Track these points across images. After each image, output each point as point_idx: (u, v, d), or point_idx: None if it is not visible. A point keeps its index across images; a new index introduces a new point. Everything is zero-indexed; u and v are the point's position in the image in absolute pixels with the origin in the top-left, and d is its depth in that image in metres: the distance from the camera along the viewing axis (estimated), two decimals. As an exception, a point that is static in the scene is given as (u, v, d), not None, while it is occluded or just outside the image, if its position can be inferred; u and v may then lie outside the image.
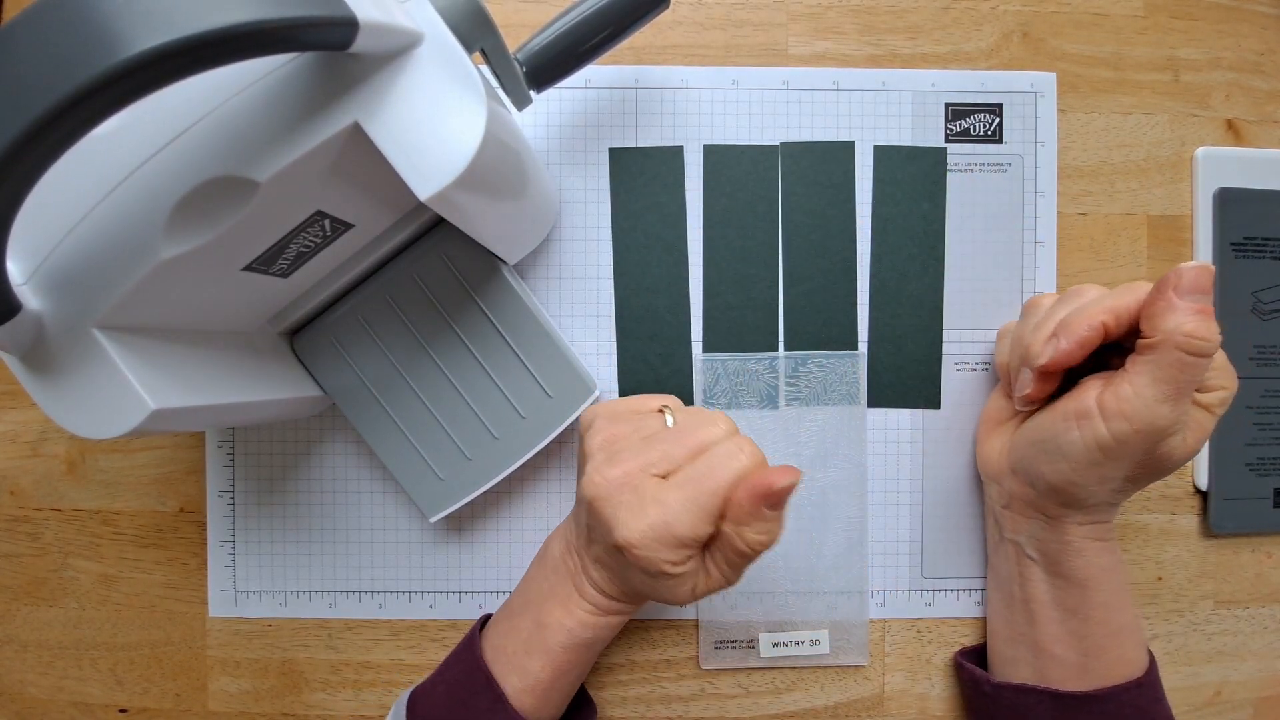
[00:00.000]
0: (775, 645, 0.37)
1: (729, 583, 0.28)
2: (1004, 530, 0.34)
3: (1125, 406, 0.28)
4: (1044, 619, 0.33)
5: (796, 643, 0.37)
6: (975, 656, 0.37)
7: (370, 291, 0.34)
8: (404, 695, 0.31)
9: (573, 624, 0.29)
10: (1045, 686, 0.32)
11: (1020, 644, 0.34)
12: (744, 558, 0.27)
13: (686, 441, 0.27)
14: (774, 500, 0.25)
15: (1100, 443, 0.28)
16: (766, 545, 0.26)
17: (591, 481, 0.27)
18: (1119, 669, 0.31)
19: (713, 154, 0.37)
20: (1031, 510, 0.33)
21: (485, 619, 0.33)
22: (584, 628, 0.29)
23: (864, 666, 0.37)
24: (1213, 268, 0.27)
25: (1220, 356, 0.28)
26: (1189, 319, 0.26)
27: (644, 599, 0.30)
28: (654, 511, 0.26)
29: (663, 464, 0.27)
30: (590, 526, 0.28)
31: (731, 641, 0.37)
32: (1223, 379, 0.28)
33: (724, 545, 0.27)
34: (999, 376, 0.36)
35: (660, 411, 0.30)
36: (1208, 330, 0.26)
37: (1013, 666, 0.34)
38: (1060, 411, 0.30)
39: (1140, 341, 0.28)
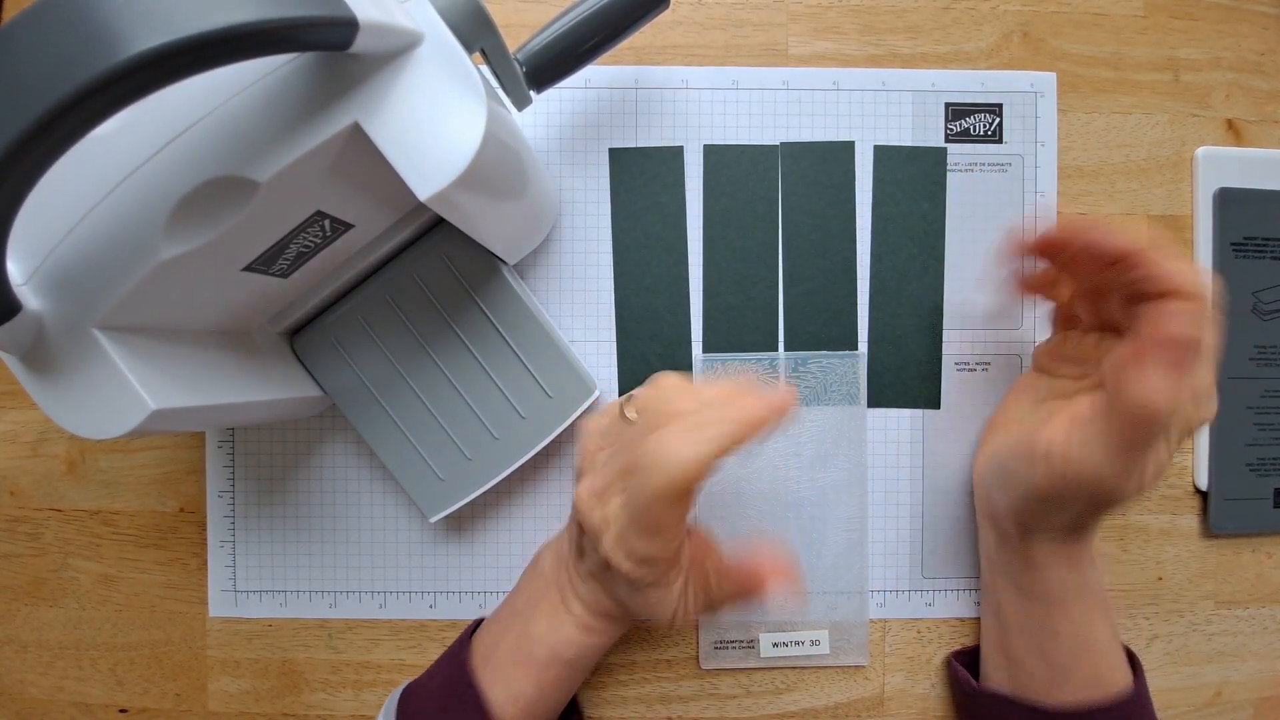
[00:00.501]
0: (775, 645, 0.37)
1: (707, 619, 0.28)
2: (979, 537, 0.34)
3: (1073, 457, 0.26)
4: (1014, 629, 0.32)
5: (796, 643, 0.37)
6: (970, 657, 0.37)
7: (370, 291, 0.34)
8: (397, 690, 0.31)
9: (555, 640, 0.29)
10: (1020, 698, 0.31)
11: (998, 651, 0.34)
12: (722, 613, 0.27)
13: (637, 447, 0.25)
14: (759, 603, 0.26)
15: (1044, 488, 0.28)
16: (744, 613, 0.26)
17: (575, 495, 0.27)
18: (1092, 689, 0.30)
19: (713, 154, 0.37)
20: (997, 524, 0.32)
21: (479, 623, 0.33)
22: (567, 645, 0.29)
23: (864, 667, 0.37)
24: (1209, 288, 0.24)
25: (1204, 380, 0.26)
26: (1152, 383, 0.24)
27: (628, 620, 0.30)
28: (614, 527, 0.25)
29: (624, 474, 0.25)
30: (582, 541, 0.28)
31: (731, 641, 0.37)
32: (1197, 409, 0.26)
33: (705, 594, 0.27)
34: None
35: (623, 415, 0.28)
36: (1172, 399, 0.23)
37: (994, 672, 0.34)
38: (1018, 441, 0.29)
39: (1105, 379, 0.26)
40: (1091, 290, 0.30)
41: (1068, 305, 0.32)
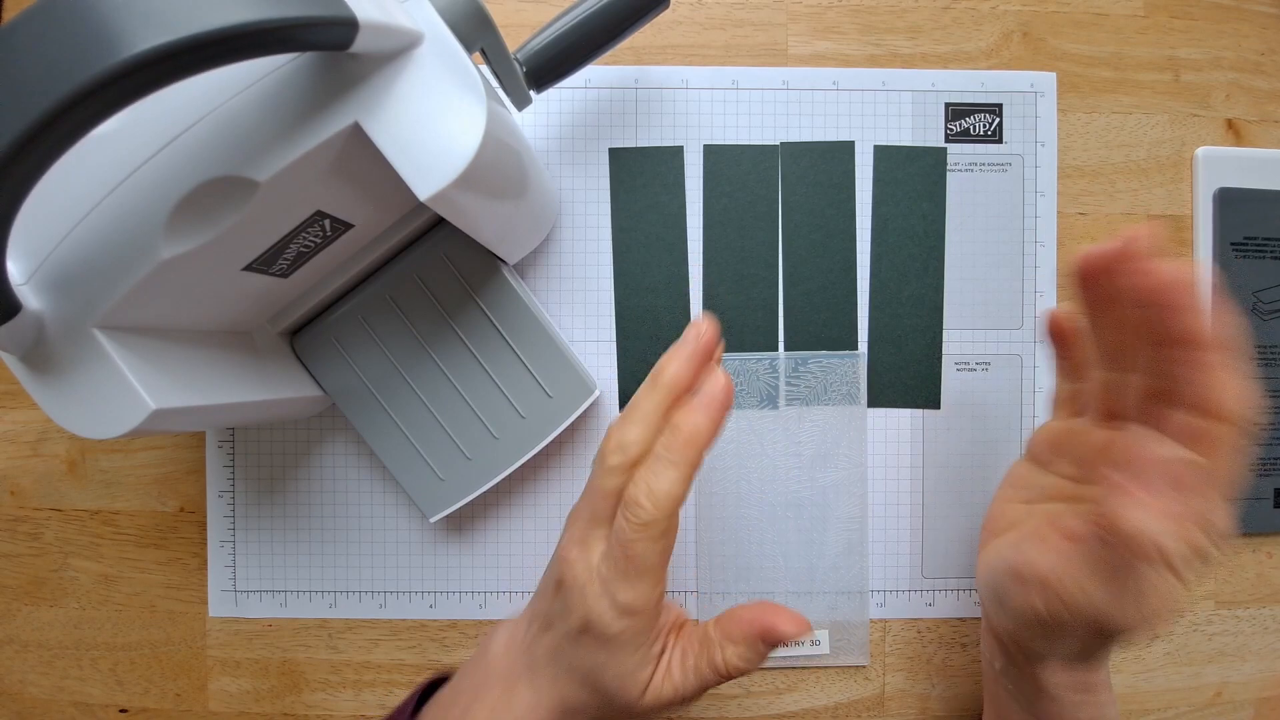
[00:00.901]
0: None
1: (683, 696, 0.26)
2: (982, 646, 0.31)
3: (1067, 586, 0.23)
4: None
5: (796, 643, 0.37)
6: None
7: (370, 291, 0.34)
8: None
9: None
10: None
11: None
12: (715, 673, 0.25)
13: (609, 493, 0.25)
14: (773, 642, 0.24)
15: (1043, 616, 0.24)
16: (741, 673, 0.25)
17: (558, 551, 0.26)
18: None
19: (713, 154, 0.37)
20: (1001, 643, 0.29)
21: (430, 684, 0.31)
22: None
23: (864, 667, 0.37)
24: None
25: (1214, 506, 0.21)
26: (1139, 510, 0.20)
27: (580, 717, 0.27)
28: (599, 575, 0.25)
29: (599, 522, 0.25)
30: (553, 608, 0.27)
31: (731, 641, 0.37)
32: (1206, 534, 0.21)
33: (701, 649, 0.25)
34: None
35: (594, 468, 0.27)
36: (1164, 528, 0.19)
37: None
38: (1009, 564, 0.26)
39: (1092, 511, 0.22)
40: (1113, 359, 0.25)
41: (1075, 387, 0.28)
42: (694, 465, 0.24)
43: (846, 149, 0.37)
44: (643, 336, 0.37)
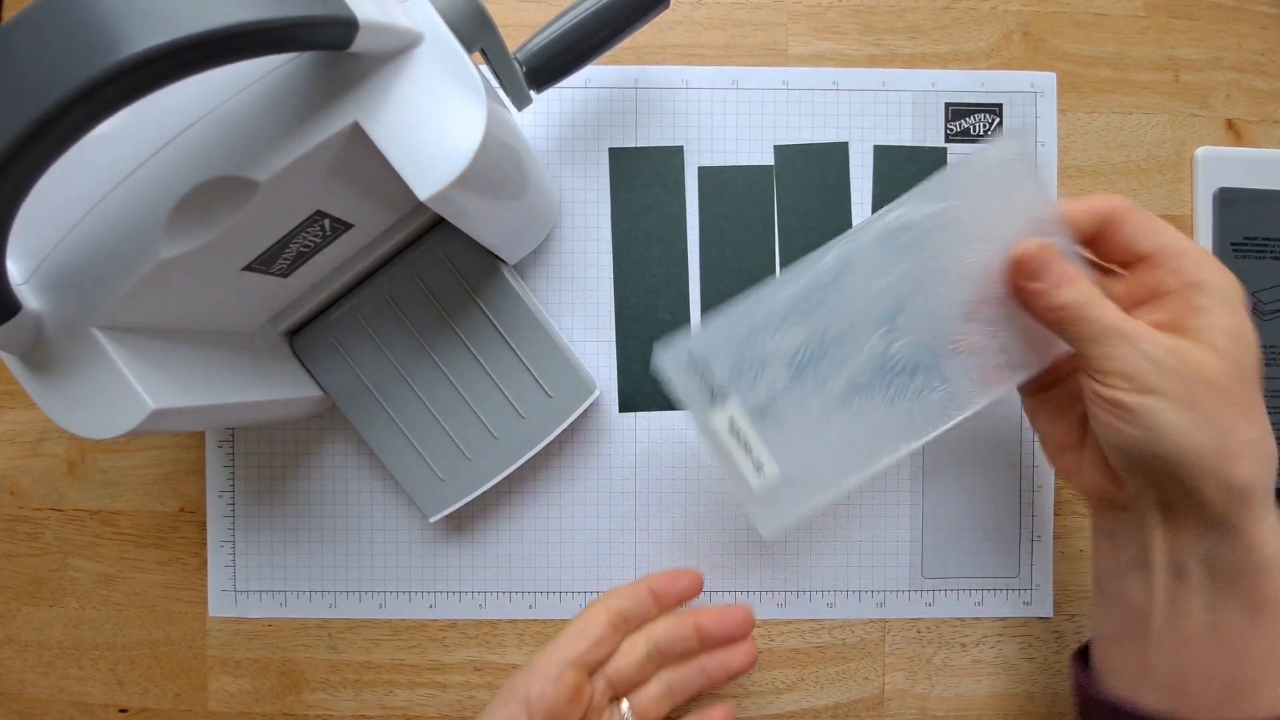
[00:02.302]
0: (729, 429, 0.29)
1: None
2: (1153, 554, 0.27)
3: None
4: (1182, 643, 0.26)
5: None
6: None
7: (370, 291, 0.34)
8: None
9: None
10: None
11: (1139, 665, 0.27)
12: None
13: None
14: None
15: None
16: None
17: None
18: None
19: (708, 175, 0.37)
20: (1196, 518, 0.26)
21: None
22: None
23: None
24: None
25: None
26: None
27: None
28: None
29: None
30: None
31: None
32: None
33: None
34: None
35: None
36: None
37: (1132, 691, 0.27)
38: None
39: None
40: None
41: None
42: None
43: (840, 150, 0.37)
44: (643, 336, 0.37)
